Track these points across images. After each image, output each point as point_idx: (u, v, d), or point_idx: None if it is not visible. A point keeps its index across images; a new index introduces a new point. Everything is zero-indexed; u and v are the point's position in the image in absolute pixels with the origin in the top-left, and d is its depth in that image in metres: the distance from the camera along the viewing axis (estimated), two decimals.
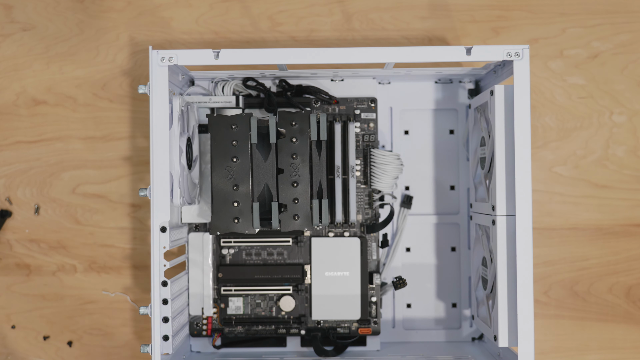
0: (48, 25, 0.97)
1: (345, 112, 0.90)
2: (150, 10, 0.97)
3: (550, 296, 0.96)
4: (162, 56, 0.76)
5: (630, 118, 0.96)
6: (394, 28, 0.97)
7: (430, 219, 0.94)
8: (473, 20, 0.96)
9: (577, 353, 0.96)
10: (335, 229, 0.90)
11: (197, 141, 0.86)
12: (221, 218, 0.80)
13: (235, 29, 0.97)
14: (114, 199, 0.96)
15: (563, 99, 0.96)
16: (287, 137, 0.81)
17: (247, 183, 0.80)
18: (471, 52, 0.76)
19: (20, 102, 0.97)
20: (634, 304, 0.96)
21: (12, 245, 0.96)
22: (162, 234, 0.75)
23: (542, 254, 0.96)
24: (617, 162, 0.96)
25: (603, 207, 0.96)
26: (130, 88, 0.97)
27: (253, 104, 0.89)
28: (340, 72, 0.88)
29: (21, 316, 0.96)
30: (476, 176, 0.89)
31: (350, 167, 0.86)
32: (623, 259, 0.96)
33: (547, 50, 0.96)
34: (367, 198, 0.90)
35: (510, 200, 0.78)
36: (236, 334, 0.90)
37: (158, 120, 0.75)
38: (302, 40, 0.97)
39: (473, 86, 0.93)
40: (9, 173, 0.97)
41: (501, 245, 0.78)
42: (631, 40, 0.96)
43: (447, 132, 0.94)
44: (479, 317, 0.89)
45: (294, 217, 0.81)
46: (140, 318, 0.96)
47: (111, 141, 0.96)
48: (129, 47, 0.97)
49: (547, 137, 0.96)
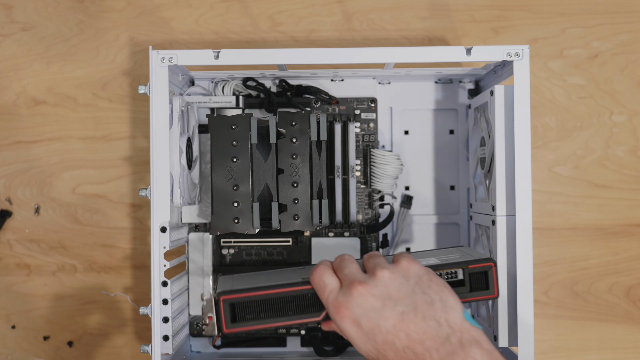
0: (48, 25, 0.97)
1: (345, 112, 0.90)
2: (150, 10, 0.97)
3: (550, 296, 0.96)
4: (162, 56, 0.76)
5: (630, 118, 0.96)
6: (394, 28, 0.97)
7: (430, 219, 0.94)
8: (473, 20, 0.96)
9: (577, 353, 0.96)
10: (335, 229, 0.90)
11: (197, 141, 0.86)
12: (221, 218, 0.80)
13: (235, 29, 0.97)
14: (114, 199, 0.96)
15: (563, 99, 0.96)
16: (287, 137, 0.81)
17: (247, 183, 0.80)
18: (471, 52, 0.76)
19: (20, 102, 0.97)
20: (634, 304, 0.96)
21: (12, 245, 0.96)
22: (162, 234, 0.75)
23: (542, 254, 0.96)
24: (617, 162, 0.96)
25: (603, 207, 0.96)
26: (130, 88, 0.97)
27: (253, 104, 0.89)
28: (340, 72, 0.88)
29: (21, 316, 0.96)
30: (476, 176, 0.89)
31: (350, 167, 0.86)
32: (623, 259, 0.96)
33: (547, 50, 0.96)
34: (367, 198, 0.90)
35: (510, 201, 0.78)
36: (236, 334, 0.90)
37: (158, 120, 0.75)
38: (302, 40, 0.97)
39: (473, 86, 0.93)
40: (9, 173, 0.97)
41: (501, 245, 0.78)
42: (631, 40, 0.96)
43: (447, 132, 0.94)
44: (479, 317, 0.89)
45: (294, 217, 0.81)
46: (140, 318, 0.96)
47: (111, 141, 0.96)
48: (129, 47, 0.97)
49: (547, 137, 0.96)
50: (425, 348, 0.59)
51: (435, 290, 0.63)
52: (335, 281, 0.65)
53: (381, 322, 0.61)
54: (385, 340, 0.60)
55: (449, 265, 0.68)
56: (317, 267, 0.67)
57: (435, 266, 0.68)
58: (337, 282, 0.65)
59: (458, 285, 0.69)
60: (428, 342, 0.59)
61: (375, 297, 0.62)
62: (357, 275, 0.64)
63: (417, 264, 0.65)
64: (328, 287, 0.64)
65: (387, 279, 0.63)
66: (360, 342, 0.62)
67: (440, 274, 0.68)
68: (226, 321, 0.65)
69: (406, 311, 0.61)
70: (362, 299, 0.62)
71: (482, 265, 0.68)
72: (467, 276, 0.68)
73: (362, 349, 0.62)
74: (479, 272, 0.68)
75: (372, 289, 0.62)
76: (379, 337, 0.61)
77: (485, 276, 0.69)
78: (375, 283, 0.62)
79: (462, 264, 0.68)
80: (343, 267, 0.66)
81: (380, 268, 0.64)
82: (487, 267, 0.69)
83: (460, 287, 0.68)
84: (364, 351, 0.62)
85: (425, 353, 0.59)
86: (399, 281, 0.63)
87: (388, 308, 0.61)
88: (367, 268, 0.66)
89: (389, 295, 0.62)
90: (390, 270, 0.63)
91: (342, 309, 0.62)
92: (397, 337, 0.60)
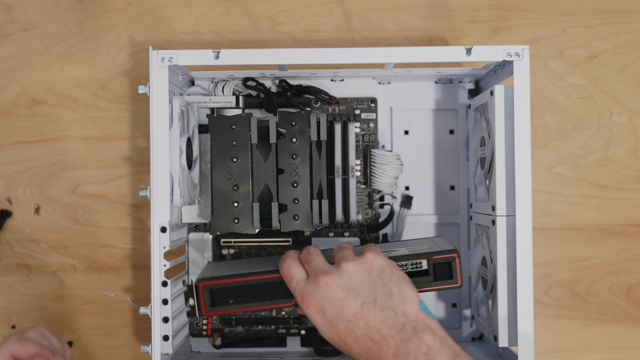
0: (48, 25, 0.97)
1: (345, 112, 0.90)
2: (150, 10, 0.97)
3: (550, 296, 0.96)
4: (162, 56, 0.76)
5: (630, 118, 0.96)
6: (394, 28, 0.97)
7: (430, 219, 0.94)
8: (473, 20, 0.96)
9: (577, 353, 0.96)
10: (335, 229, 0.90)
11: (197, 141, 0.86)
12: (221, 218, 0.80)
13: (236, 29, 0.97)
14: (114, 199, 0.96)
15: (563, 99, 0.96)
16: (287, 137, 0.81)
17: (247, 183, 0.80)
18: (471, 52, 0.76)
19: (20, 102, 0.97)
20: (634, 304, 0.96)
21: (12, 245, 0.96)
22: (162, 234, 0.75)
23: (542, 254, 0.96)
24: (617, 162, 0.96)
25: (603, 207, 0.96)
26: (130, 88, 0.97)
27: (253, 104, 0.89)
28: (340, 72, 0.88)
29: (21, 316, 0.96)
30: (476, 176, 0.89)
31: (350, 167, 0.86)
32: (623, 259, 0.96)
33: (547, 50, 0.96)
34: (367, 198, 0.90)
35: (510, 201, 0.78)
36: (236, 334, 0.90)
37: (158, 120, 0.75)
38: (302, 40, 0.97)
39: (473, 86, 0.93)
40: (9, 173, 0.97)
41: (501, 245, 0.78)
42: (631, 40, 0.96)
43: (447, 132, 0.94)
44: (479, 317, 0.89)
45: (294, 218, 0.81)
46: (140, 318, 0.96)
47: (111, 141, 0.96)
48: (129, 47, 0.97)
49: (547, 137, 0.96)
50: (382, 336, 0.64)
51: (396, 282, 0.67)
52: (302, 272, 0.70)
53: (343, 312, 0.66)
54: (346, 328, 0.65)
55: (414, 256, 0.72)
56: (285, 260, 0.71)
57: (402, 257, 0.72)
58: (303, 273, 0.70)
59: (423, 275, 0.73)
60: (385, 331, 0.64)
61: (340, 288, 0.66)
62: (322, 266, 0.69)
63: (381, 256, 0.69)
64: (295, 278, 0.69)
65: (352, 271, 0.67)
66: (324, 329, 0.67)
67: (406, 264, 0.72)
68: (205, 305, 0.71)
69: (366, 302, 0.65)
70: (327, 290, 0.67)
71: (446, 256, 0.73)
72: (432, 266, 0.72)
73: (326, 334, 0.67)
74: (442, 263, 0.73)
75: (336, 279, 0.67)
76: (341, 325, 0.66)
77: (449, 266, 0.73)
78: (339, 274, 0.67)
79: (427, 254, 0.72)
80: (310, 259, 0.70)
81: (345, 260, 0.68)
82: (450, 258, 0.73)
83: (425, 277, 0.72)
84: (327, 337, 0.67)
85: (382, 340, 0.64)
86: (362, 274, 0.67)
87: (350, 298, 0.66)
88: (335, 259, 0.70)
89: (352, 286, 0.66)
90: (354, 263, 0.68)
91: (308, 297, 0.67)
92: (357, 326, 0.65)
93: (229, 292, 0.72)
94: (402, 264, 0.72)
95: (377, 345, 0.64)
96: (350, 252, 0.70)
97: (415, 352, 0.63)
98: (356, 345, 0.65)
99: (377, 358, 0.64)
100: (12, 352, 0.72)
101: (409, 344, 0.63)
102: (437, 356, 0.62)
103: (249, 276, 0.72)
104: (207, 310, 0.71)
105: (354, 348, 0.66)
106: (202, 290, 0.71)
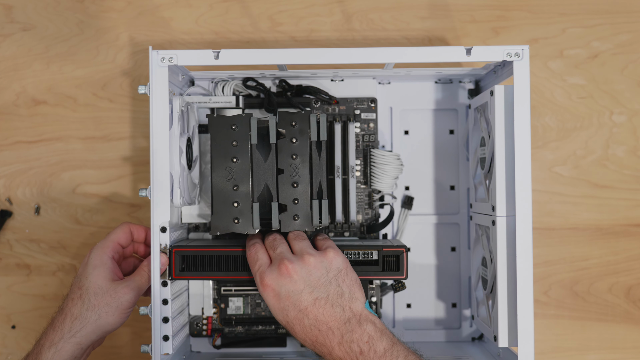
0: (48, 25, 0.97)
1: (345, 112, 0.90)
2: (150, 10, 0.97)
3: (550, 296, 0.96)
4: (162, 56, 0.76)
5: (630, 118, 0.96)
6: (394, 28, 0.97)
7: (430, 219, 0.94)
8: (473, 20, 0.96)
9: (577, 353, 0.96)
10: (335, 229, 0.90)
11: (197, 141, 0.86)
12: (221, 218, 0.80)
13: (235, 29, 0.97)
14: (114, 199, 0.96)
15: (563, 99, 0.96)
16: (287, 138, 0.81)
17: (247, 183, 0.80)
18: (471, 52, 0.76)
19: (20, 102, 0.97)
20: (634, 304, 0.96)
21: (12, 245, 0.96)
22: (162, 234, 0.75)
23: (542, 254, 0.96)
24: (617, 162, 0.96)
25: (603, 207, 0.96)
26: (130, 88, 0.97)
27: (253, 104, 0.89)
28: (340, 72, 0.88)
29: (21, 316, 0.96)
30: (476, 176, 0.89)
31: (350, 167, 0.86)
32: (623, 259, 0.96)
33: (547, 50, 0.96)
34: (367, 198, 0.90)
35: (510, 201, 0.78)
36: (236, 334, 0.90)
37: (158, 120, 0.75)
38: (302, 40, 0.97)
39: (473, 86, 0.93)
40: (9, 173, 0.97)
41: (501, 245, 0.78)
42: (631, 40, 0.96)
43: (447, 132, 0.94)
44: (479, 317, 0.89)
45: (294, 218, 0.81)
46: (140, 318, 0.96)
47: (111, 141, 0.96)
48: (129, 47, 0.97)
49: (547, 137, 0.96)
50: (329, 327, 0.71)
51: (348, 284, 0.74)
52: (266, 257, 0.76)
53: (297, 302, 0.72)
54: (296, 317, 0.72)
55: (367, 246, 0.79)
56: (253, 244, 0.77)
57: (356, 246, 0.80)
58: (267, 259, 0.75)
59: (373, 264, 0.79)
60: (332, 323, 0.71)
61: (299, 280, 0.72)
62: (287, 255, 0.74)
63: (340, 257, 0.75)
64: (258, 262, 0.75)
65: (312, 267, 0.73)
66: (275, 311, 0.73)
67: (358, 252, 0.79)
68: (176, 269, 0.77)
69: (320, 297, 0.72)
70: (287, 279, 0.72)
71: (395, 250, 0.79)
72: (381, 257, 0.79)
73: (275, 315, 0.74)
74: (391, 255, 0.79)
75: (298, 270, 0.73)
76: (292, 313, 0.72)
77: (397, 259, 0.79)
78: (301, 266, 0.73)
79: (379, 247, 0.79)
80: (275, 246, 0.76)
81: (308, 254, 0.74)
82: (399, 252, 0.79)
83: (374, 266, 0.79)
84: (277, 318, 0.74)
85: (328, 331, 0.71)
86: (321, 271, 0.73)
87: (306, 292, 0.72)
88: (295, 249, 0.76)
89: (310, 281, 0.73)
90: (316, 259, 0.74)
91: (267, 281, 0.73)
92: (306, 317, 0.72)
93: (198, 260, 0.78)
94: (354, 252, 0.79)
95: (322, 334, 0.71)
96: (308, 244, 0.76)
97: (358, 340, 0.70)
98: (302, 332, 0.72)
99: (322, 345, 0.71)
100: (130, 227, 0.82)
101: (353, 334, 0.71)
102: (377, 343, 0.70)
103: (217, 247, 0.79)
104: (177, 274, 0.77)
105: (299, 334, 0.72)
106: (175, 255, 0.77)
